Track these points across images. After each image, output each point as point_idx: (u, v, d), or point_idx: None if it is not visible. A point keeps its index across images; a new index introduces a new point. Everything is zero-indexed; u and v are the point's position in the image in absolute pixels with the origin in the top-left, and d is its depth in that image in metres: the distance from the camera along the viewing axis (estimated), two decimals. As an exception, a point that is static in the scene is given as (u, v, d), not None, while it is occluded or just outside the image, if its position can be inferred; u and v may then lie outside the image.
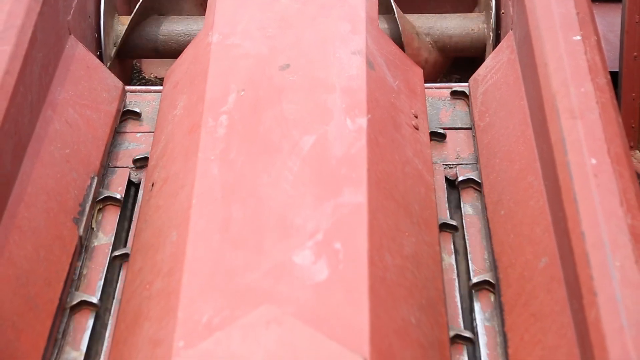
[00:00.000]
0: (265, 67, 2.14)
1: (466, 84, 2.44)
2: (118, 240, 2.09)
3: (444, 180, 2.20)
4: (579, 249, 1.65)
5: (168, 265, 1.77)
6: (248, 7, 2.34)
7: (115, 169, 2.25)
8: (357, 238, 1.74)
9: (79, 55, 2.39)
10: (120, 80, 2.46)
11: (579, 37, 2.08)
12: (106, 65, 2.82)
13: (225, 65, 2.16)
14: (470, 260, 2.01)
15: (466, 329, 1.88)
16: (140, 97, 2.46)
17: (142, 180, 2.20)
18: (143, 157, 2.25)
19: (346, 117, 2.00)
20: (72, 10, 2.46)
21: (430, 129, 2.29)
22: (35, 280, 1.86)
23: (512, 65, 2.30)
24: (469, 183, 2.19)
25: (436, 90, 2.45)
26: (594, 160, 1.78)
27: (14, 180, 1.95)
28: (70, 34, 2.41)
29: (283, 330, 1.57)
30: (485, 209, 2.08)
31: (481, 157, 2.20)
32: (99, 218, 2.12)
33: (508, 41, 2.39)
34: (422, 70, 2.43)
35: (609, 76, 2.01)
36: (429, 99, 2.40)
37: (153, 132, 2.29)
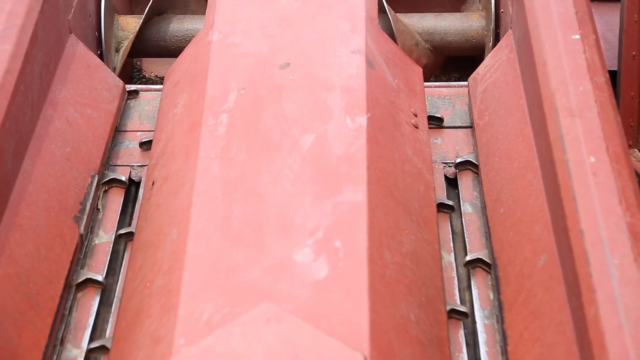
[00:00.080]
0: (266, 66, 2.15)
1: (465, 83, 2.45)
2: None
3: (443, 179, 2.21)
4: (578, 247, 1.66)
5: (168, 263, 1.77)
6: (248, 6, 2.35)
7: (116, 167, 2.26)
8: (357, 236, 1.75)
9: (79, 54, 2.39)
10: (121, 79, 2.47)
11: (577, 36, 2.08)
12: (115, 67, 2.82)
13: (226, 64, 2.17)
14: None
15: (465, 327, 1.88)
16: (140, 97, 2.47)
17: (143, 178, 2.21)
18: (149, 140, 2.26)
19: (346, 116, 2.01)
20: (73, 9, 2.46)
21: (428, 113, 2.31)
22: (36, 278, 1.87)
23: (512, 64, 2.31)
24: (467, 165, 2.21)
25: (435, 89, 2.45)
26: (592, 159, 1.79)
27: (15, 178, 1.96)
28: (70, 33, 2.41)
29: (283, 328, 1.57)
30: (485, 207, 2.08)
31: (480, 156, 2.21)
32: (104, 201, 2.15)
33: (507, 40, 2.39)
34: (422, 70, 2.44)
35: (607, 75, 2.01)
36: (429, 98, 2.41)
37: (153, 131, 2.29)
